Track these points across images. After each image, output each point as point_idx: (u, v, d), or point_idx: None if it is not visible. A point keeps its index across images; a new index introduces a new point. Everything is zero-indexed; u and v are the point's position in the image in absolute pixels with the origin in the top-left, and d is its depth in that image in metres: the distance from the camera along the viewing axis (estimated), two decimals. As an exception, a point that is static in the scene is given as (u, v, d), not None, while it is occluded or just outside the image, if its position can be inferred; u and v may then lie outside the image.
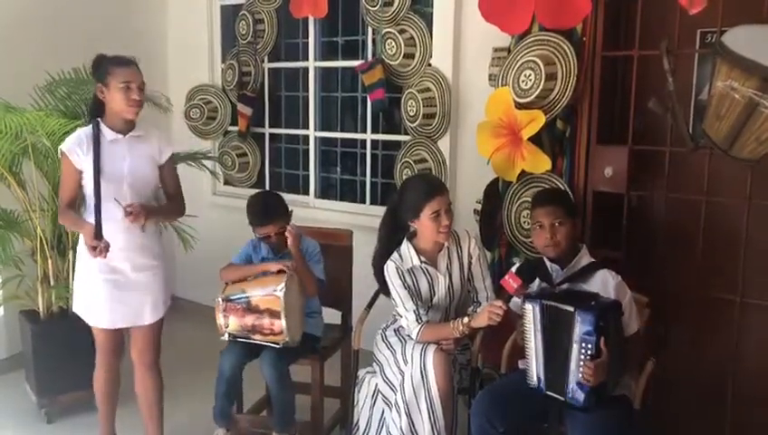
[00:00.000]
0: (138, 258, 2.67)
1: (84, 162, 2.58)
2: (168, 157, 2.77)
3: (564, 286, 2.46)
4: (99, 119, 2.63)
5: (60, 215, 2.69)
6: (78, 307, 2.75)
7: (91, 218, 2.56)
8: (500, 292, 2.52)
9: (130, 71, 2.60)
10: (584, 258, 2.51)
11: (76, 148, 2.59)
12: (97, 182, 2.55)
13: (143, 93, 2.64)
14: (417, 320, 2.60)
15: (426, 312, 2.65)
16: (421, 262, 2.67)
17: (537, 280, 2.52)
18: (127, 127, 2.66)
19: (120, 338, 2.83)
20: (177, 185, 2.83)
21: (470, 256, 2.73)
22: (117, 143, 2.63)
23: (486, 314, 2.43)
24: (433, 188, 2.61)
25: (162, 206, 2.80)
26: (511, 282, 2.39)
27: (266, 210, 2.85)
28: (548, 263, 2.54)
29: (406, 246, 2.69)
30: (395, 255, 2.69)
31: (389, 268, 2.67)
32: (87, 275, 2.68)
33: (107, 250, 2.51)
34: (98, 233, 2.50)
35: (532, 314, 2.36)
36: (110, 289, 2.65)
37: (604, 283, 2.42)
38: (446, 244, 2.69)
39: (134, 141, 2.67)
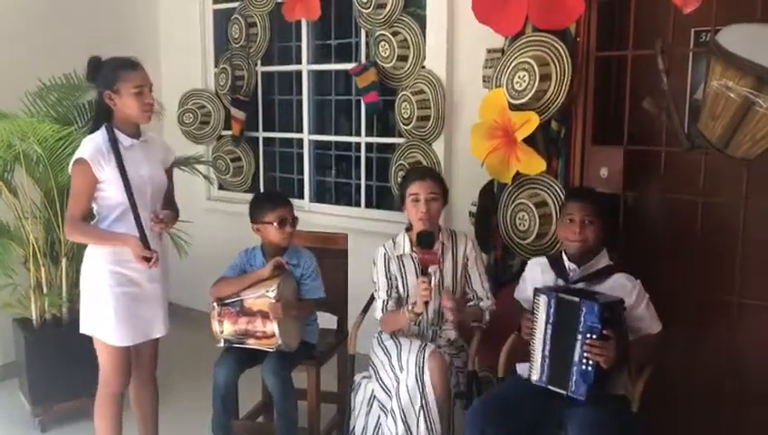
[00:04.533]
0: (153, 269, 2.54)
1: (107, 171, 2.44)
2: (172, 160, 2.74)
3: (579, 286, 2.47)
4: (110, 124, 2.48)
5: (73, 229, 2.47)
6: (91, 327, 2.56)
7: (115, 229, 2.47)
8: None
9: (142, 74, 2.48)
10: (603, 260, 2.52)
11: (98, 156, 2.42)
12: (129, 191, 2.44)
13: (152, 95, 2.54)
14: (382, 309, 2.78)
15: (394, 304, 2.75)
16: (412, 250, 2.73)
17: (553, 276, 2.54)
18: (137, 131, 2.55)
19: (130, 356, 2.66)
20: (173, 189, 2.77)
21: (465, 258, 2.75)
22: (133, 149, 2.51)
23: (419, 296, 2.52)
24: (415, 173, 2.80)
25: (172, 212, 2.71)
26: (421, 255, 2.52)
27: (269, 196, 2.98)
28: (566, 261, 2.53)
29: (402, 235, 2.81)
30: (389, 241, 2.82)
31: (379, 252, 2.80)
32: (102, 292, 2.51)
33: (157, 259, 2.44)
34: (146, 242, 2.43)
35: (544, 306, 2.37)
36: (127, 302, 2.52)
37: (621, 286, 2.43)
38: (441, 238, 2.73)
39: (146, 146, 2.58)
